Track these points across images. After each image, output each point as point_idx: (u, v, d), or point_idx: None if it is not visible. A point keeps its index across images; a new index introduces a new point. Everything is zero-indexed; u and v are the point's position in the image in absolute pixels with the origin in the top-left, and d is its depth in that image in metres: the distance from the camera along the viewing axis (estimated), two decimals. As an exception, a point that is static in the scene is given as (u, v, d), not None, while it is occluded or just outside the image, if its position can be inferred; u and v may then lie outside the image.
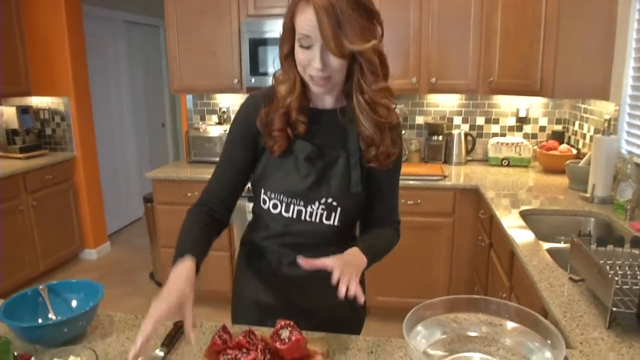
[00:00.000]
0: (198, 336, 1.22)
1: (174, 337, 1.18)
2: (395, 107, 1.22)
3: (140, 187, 5.27)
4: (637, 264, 1.45)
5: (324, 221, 1.24)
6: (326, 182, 1.23)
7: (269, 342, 1.12)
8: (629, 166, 2.28)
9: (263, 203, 1.27)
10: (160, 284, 3.66)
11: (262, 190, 1.26)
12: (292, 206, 1.24)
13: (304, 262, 1.10)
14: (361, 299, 1.04)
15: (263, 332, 1.22)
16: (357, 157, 1.23)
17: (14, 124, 3.91)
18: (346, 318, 1.35)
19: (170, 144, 6.09)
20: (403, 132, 1.24)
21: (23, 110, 3.96)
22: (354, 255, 1.16)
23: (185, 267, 1.09)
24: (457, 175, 3.16)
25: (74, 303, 1.29)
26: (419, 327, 1.01)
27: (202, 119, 3.84)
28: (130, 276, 4.01)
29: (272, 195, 1.24)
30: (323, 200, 1.22)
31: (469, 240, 2.99)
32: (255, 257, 1.37)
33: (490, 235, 2.53)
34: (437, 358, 0.98)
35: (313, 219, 1.24)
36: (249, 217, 1.43)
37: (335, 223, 1.24)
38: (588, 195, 2.47)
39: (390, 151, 1.22)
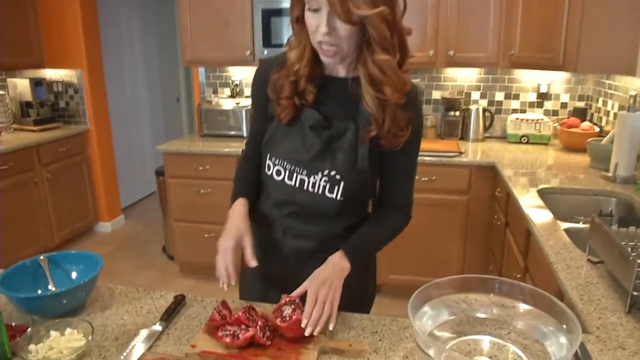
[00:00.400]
0: (198, 311, 1.19)
1: (172, 312, 1.15)
2: (408, 87, 1.13)
3: (155, 161, 5.25)
4: (660, 245, 1.38)
5: (327, 194, 1.19)
6: (331, 154, 1.18)
7: (269, 318, 1.08)
8: (655, 144, 2.18)
9: (267, 169, 1.24)
10: (172, 257, 3.67)
11: (268, 156, 1.23)
12: (295, 174, 1.20)
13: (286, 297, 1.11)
14: (330, 325, 1.06)
15: (264, 308, 1.18)
16: (366, 132, 1.16)
17: (28, 96, 3.90)
18: (354, 295, 1.31)
19: (185, 118, 6.07)
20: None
21: (37, 83, 3.95)
22: (334, 266, 1.14)
23: (238, 207, 1.23)
24: (474, 152, 3.07)
25: (73, 275, 1.27)
26: (426, 308, 0.96)
27: (215, 92, 3.78)
28: (143, 249, 4.03)
29: (277, 162, 1.21)
30: (326, 172, 1.18)
31: (484, 219, 2.92)
32: (261, 227, 1.34)
33: (507, 214, 2.46)
34: (443, 340, 0.93)
35: (316, 190, 1.20)
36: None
37: (338, 197, 1.19)
38: (610, 174, 2.38)
39: (397, 132, 1.15)
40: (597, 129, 2.99)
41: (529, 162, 2.82)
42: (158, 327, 1.10)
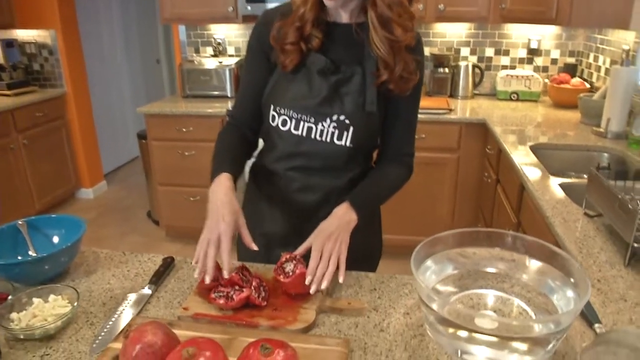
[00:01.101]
0: (188, 273, 1.14)
1: (162, 274, 1.10)
2: (413, 30, 1.11)
3: (137, 124, 5.12)
4: (659, 198, 1.36)
5: (335, 141, 1.15)
6: (339, 98, 1.14)
7: (263, 278, 1.04)
8: (648, 98, 2.15)
9: (272, 120, 1.18)
10: (157, 222, 3.61)
11: (272, 107, 1.17)
12: (302, 123, 1.15)
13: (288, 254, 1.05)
14: (340, 277, 1.02)
15: (257, 268, 1.14)
16: (375, 77, 1.13)
17: (-1, 58, 3.72)
18: (359, 251, 1.28)
19: (167, 80, 5.89)
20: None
21: (8, 44, 3.77)
22: (340, 218, 1.10)
23: (224, 182, 1.08)
24: (463, 109, 3.03)
25: (55, 239, 1.21)
26: (429, 262, 0.92)
27: (197, 51, 3.65)
28: (127, 215, 3.96)
29: (282, 111, 1.16)
30: (335, 118, 1.13)
31: (474, 177, 2.90)
32: (263, 183, 1.29)
33: (498, 170, 2.43)
34: (446, 295, 0.90)
35: (324, 137, 1.15)
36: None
37: (347, 144, 1.15)
38: (602, 129, 2.36)
39: (407, 76, 1.12)
40: (587, 85, 2.96)
41: (519, 119, 2.78)
42: (147, 291, 1.05)
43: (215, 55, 3.52)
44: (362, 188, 1.17)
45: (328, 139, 1.15)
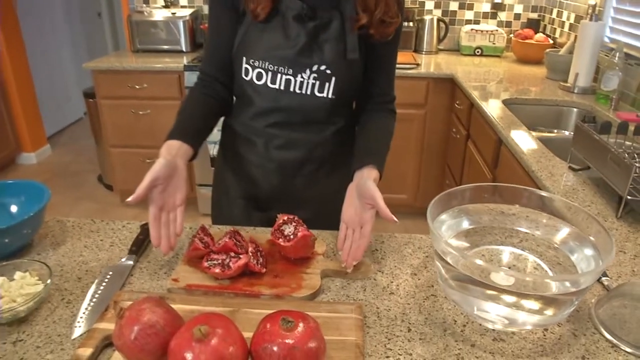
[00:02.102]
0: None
1: (142, 243, 0.99)
2: None
3: (79, 83, 4.78)
4: (646, 149, 1.35)
5: (316, 93, 1.06)
6: (318, 47, 1.04)
7: (259, 243, 0.95)
8: (617, 54, 2.15)
9: (245, 74, 1.07)
10: (110, 187, 3.41)
11: (244, 59, 1.06)
12: (279, 75, 1.04)
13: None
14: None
15: (248, 232, 1.05)
16: (354, 21, 1.04)
17: None
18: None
19: (109, 35, 5.49)
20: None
21: None
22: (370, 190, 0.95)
23: (163, 150, 0.97)
24: (428, 64, 2.97)
25: (13, 208, 1.06)
26: (443, 217, 0.87)
27: (146, 2, 3.37)
28: (77, 180, 3.71)
29: (256, 63, 1.05)
30: (315, 68, 1.04)
31: (441, 133, 2.87)
32: (238, 143, 1.18)
33: (469, 126, 2.41)
34: (461, 250, 0.84)
35: (304, 90, 1.06)
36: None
37: (329, 95, 1.07)
38: (569, 85, 2.36)
39: (389, 19, 1.04)
40: (550, 41, 2.96)
41: (484, 74, 2.75)
42: (128, 262, 0.94)
43: (166, 6, 3.27)
44: (376, 148, 1.08)
45: (308, 92, 1.06)
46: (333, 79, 1.05)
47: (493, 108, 2.07)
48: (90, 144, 3.73)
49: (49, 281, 0.82)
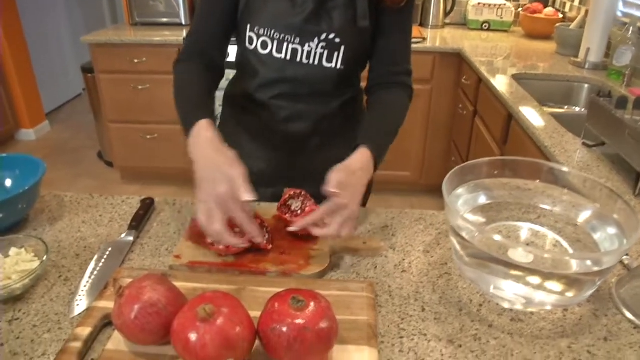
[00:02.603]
0: (172, 216, 1.00)
1: (142, 218, 0.95)
2: None
3: (77, 59, 4.69)
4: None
5: (324, 63, 1.00)
6: (327, 13, 0.98)
7: (265, 219, 0.91)
8: (630, 28, 2.08)
9: (249, 43, 1.01)
10: (110, 164, 3.36)
11: (248, 27, 1.00)
12: (285, 44, 0.99)
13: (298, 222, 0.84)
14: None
15: (252, 207, 1.01)
16: None
17: None
18: None
19: (107, 8, 5.37)
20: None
21: None
22: (361, 169, 0.87)
23: (205, 132, 0.86)
24: (434, 39, 2.88)
25: (8, 182, 1.02)
26: (460, 190, 0.83)
27: (144, -26, 3.27)
28: (76, 157, 3.67)
29: (261, 32, 0.99)
30: (323, 37, 0.98)
31: (447, 109, 2.81)
32: (241, 115, 1.13)
33: (476, 102, 2.35)
34: (478, 225, 0.80)
35: (311, 60, 1.00)
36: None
37: (338, 66, 1.01)
38: (579, 60, 2.30)
39: None
40: (560, 15, 2.88)
41: (491, 49, 2.67)
42: (128, 238, 0.90)
43: (165, -22, 3.18)
44: (375, 130, 0.99)
45: (316, 62, 1.01)
46: (342, 48, 0.99)
47: (502, 83, 2.01)
48: (89, 120, 3.67)
49: (45, 257, 0.78)
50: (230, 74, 1.17)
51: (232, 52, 1.05)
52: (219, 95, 1.12)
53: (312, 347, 0.57)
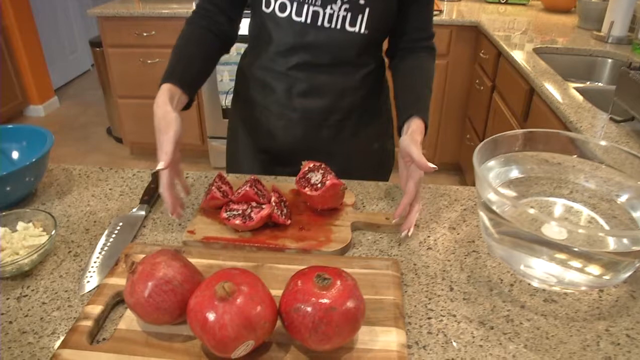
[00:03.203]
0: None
1: (155, 192, 0.91)
2: None
3: (86, 34, 4.63)
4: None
5: (347, 27, 0.94)
6: None
7: (282, 193, 0.87)
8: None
9: (266, 5, 0.94)
10: (120, 140, 3.33)
11: None
12: (305, 7, 0.92)
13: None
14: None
15: (269, 181, 0.97)
16: None
17: None
18: (376, 158, 1.12)
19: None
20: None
21: None
22: (421, 142, 0.86)
23: (158, 97, 0.84)
24: (450, 11, 2.79)
25: (14, 155, 0.99)
26: (492, 162, 0.78)
27: (151, -55, 3.19)
28: (85, 132, 3.64)
29: None
30: None
31: (463, 85, 2.74)
32: (256, 91, 1.07)
33: (495, 77, 2.27)
34: (513, 199, 0.75)
35: (333, 24, 0.93)
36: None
37: (362, 30, 0.94)
38: (602, 34, 2.21)
39: None
40: (582, -14, 2.77)
41: (509, 23, 2.58)
42: (140, 212, 0.86)
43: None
44: (423, 99, 0.94)
45: (338, 25, 0.94)
46: (367, 10, 0.92)
47: (523, 57, 1.93)
48: (98, 95, 3.63)
49: (53, 232, 0.75)
50: (243, 50, 1.11)
51: (244, 26, 0.99)
52: (229, 69, 1.06)
53: (338, 328, 0.53)
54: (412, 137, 0.84)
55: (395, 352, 0.58)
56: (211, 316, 0.51)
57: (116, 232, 0.82)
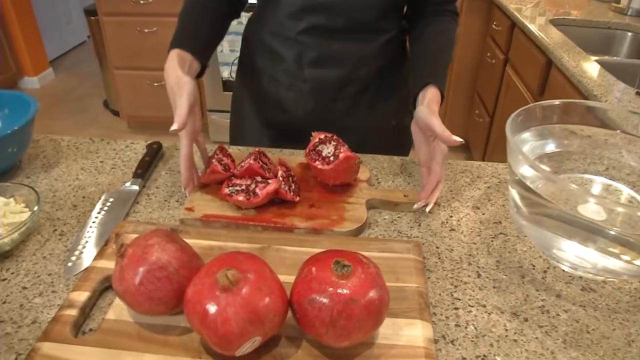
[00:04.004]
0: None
1: (149, 165, 0.83)
2: None
3: (81, 3, 4.48)
4: None
5: None
6: None
7: (289, 166, 0.79)
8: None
9: None
10: (117, 113, 3.23)
11: None
12: None
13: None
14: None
15: (274, 154, 0.89)
16: None
17: None
18: (391, 139, 1.03)
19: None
20: None
21: None
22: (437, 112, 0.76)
23: (168, 62, 0.78)
24: (461, -17, 2.67)
25: (-4, 122, 0.90)
26: (526, 135, 0.70)
27: None
28: (82, 105, 3.54)
29: None
30: None
31: (472, 58, 2.63)
32: (263, 60, 0.97)
33: (508, 50, 2.17)
34: (549, 174, 0.67)
35: None
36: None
37: None
38: (621, 6, 2.10)
39: None
40: (599, -46, 2.64)
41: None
42: (133, 187, 0.78)
43: None
44: (442, 67, 0.84)
45: None
46: None
47: (540, 28, 1.83)
48: (94, 67, 3.52)
49: (36, 208, 0.67)
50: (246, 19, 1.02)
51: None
52: (229, 39, 0.96)
53: (359, 322, 0.46)
54: (429, 108, 0.75)
55: (422, 348, 0.51)
56: (212, 309, 0.44)
57: (107, 208, 0.74)
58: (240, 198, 0.70)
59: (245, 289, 0.45)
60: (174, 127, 0.68)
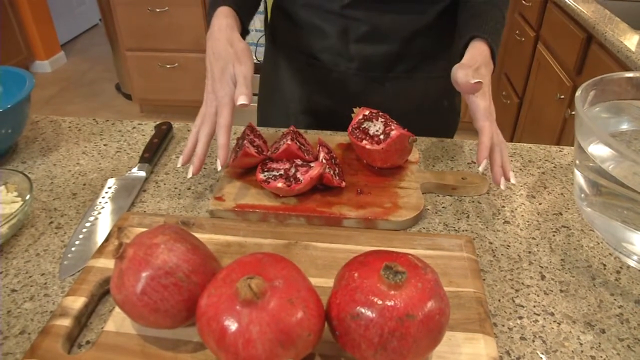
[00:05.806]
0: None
1: (158, 148, 0.74)
2: None
3: (91, -14, 4.40)
4: None
5: None
6: None
7: (331, 147, 0.69)
8: None
9: None
10: (129, 97, 3.15)
11: None
12: None
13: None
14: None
15: (308, 133, 0.79)
16: None
17: None
18: (440, 122, 0.92)
19: None
20: None
21: None
22: (485, 65, 0.64)
23: (218, 22, 0.65)
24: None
25: (-9, 102, 0.82)
26: (598, 109, 0.59)
27: None
28: (94, 89, 3.46)
29: None
30: None
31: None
32: (300, 36, 0.85)
33: (539, 26, 2.04)
34: (628, 152, 0.56)
35: None
36: None
37: None
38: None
39: None
40: None
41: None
42: (139, 173, 0.70)
43: None
44: (492, 21, 0.70)
45: None
46: None
47: (578, 2, 1.70)
48: (106, 51, 3.43)
49: (28, 197, 0.58)
50: None
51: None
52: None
53: (416, 342, 0.37)
54: (461, 63, 0.62)
55: (487, 371, 0.42)
56: (232, 327, 0.35)
57: (110, 197, 0.65)
58: (280, 185, 0.60)
59: (272, 302, 0.36)
60: (244, 100, 0.57)
